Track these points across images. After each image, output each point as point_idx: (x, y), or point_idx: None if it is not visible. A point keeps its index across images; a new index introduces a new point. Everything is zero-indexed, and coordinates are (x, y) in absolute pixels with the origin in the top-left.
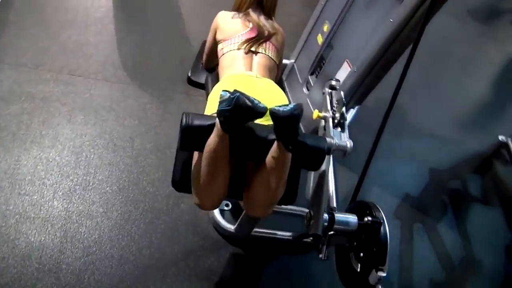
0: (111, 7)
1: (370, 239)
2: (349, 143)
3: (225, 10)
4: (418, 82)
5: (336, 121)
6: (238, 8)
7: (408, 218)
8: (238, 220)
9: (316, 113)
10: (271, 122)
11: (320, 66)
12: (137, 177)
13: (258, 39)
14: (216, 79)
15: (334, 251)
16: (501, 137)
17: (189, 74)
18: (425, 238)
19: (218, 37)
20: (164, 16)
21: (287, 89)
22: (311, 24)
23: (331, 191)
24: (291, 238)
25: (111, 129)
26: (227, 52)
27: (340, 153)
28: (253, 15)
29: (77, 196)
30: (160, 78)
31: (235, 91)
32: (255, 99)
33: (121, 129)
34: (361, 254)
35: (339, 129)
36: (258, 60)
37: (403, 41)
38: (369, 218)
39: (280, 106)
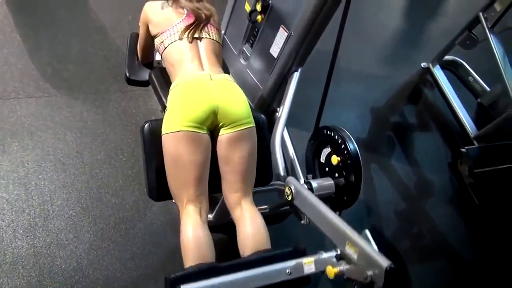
0: (8, 12)
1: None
2: None
3: None
4: (345, 29)
5: None
6: None
7: (364, 161)
8: (215, 209)
9: (331, 271)
10: (237, 128)
11: (253, 35)
12: (97, 191)
13: (198, 24)
14: (162, 75)
15: None
16: (423, 64)
17: (127, 74)
18: (381, 175)
19: (153, 31)
20: (72, 10)
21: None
22: None
23: (296, 160)
24: (268, 210)
25: (53, 148)
26: (169, 44)
27: None
28: (183, 1)
29: (40, 229)
30: (88, 80)
31: None
32: None
33: (64, 145)
34: None
35: None
36: (205, 47)
37: None
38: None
39: None
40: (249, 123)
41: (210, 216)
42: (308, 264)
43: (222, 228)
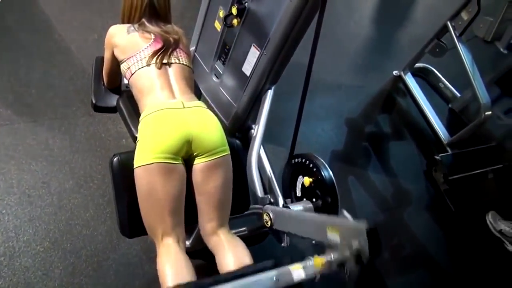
0: None
1: None
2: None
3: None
4: (312, 37)
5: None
6: (129, 20)
7: (340, 174)
8: (193, 235)
9: (318, 262)
10: (212, 157)
11: (225, 52)
12: (67, 223)
13: (166, 49)
14: (130, 102)
15: None
16: (395, 72)
17: (94, 101)
18: (359, 186)
19: (119, 56)
20: (33, 31)
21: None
22: (203, 11)
23: (274, 179)
24: (247, 232)
25: (17, 180)
26: (136, 71)
27: None
28: (150, 25)
29: (6, 268)
30: (53, 104)
31: None
32: None
33: (29, 176)
34: None
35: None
36: (175, 73)
37: (307, 16)
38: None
39: None
40: (224, 151)
41: (187, 243)
42: (296, 270)
43: (200, 254)
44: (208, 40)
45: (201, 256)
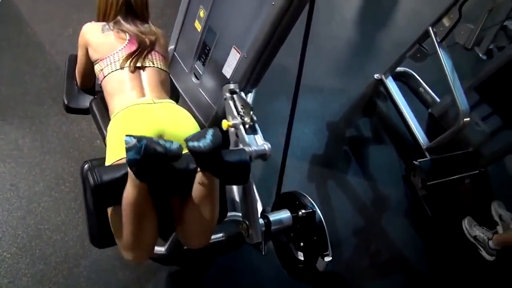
0: None
1: (307, 229)
2: (267, 146)
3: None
4: (297, 40)
5: (247, 126)
6: (104, 18)
7: (320, 178)
8: (169, 241)
9: (225, 124)
10: (185, 150)
11: (205, 53)
12: (36, 228)
13: (141, 51)
14: (104, 104)
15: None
16: (376, 75)
17: (66, 102)
18: (339, 191)
19: (93, 56)
20: (2, 24)
21: (174, 82)
22: (183, 10)
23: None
24: (224, 238)
25: None
26: (109, 74)
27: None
28: (125, 24)
29: None
30: (24, 103)
31: (142, 137)
32: (166, 142)
33: None
34: (301, 244)
35: (252, 134)
36: (148, 77)
37: (290, 19)
38: (302, 211)
39: (197, 140)
40: None
41: (162, 249)
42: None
43: (176, 260)
44: (188, 39)
45: (177, 262)
